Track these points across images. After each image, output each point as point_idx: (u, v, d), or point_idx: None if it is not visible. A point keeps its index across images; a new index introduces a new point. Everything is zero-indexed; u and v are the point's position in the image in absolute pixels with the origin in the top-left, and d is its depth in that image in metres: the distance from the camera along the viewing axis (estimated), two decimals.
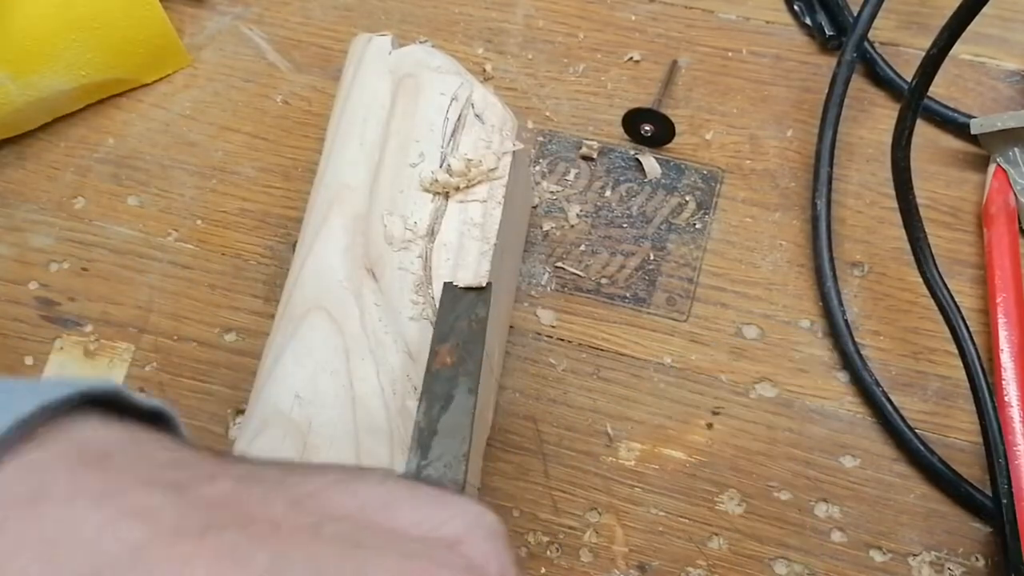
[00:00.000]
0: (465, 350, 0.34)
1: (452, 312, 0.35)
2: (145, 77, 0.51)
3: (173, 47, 0.51)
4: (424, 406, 0.32)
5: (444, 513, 0.24)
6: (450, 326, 0.35)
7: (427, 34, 0.51)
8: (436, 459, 0.31)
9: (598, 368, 0.44)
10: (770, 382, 0.43)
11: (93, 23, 0.47)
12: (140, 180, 0.49)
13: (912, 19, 0.49)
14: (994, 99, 0.47)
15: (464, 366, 0.33)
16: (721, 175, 0.47)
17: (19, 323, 0.47)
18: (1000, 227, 0.43)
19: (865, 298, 0.44)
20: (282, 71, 0.51)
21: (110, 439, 0.23)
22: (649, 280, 0.45)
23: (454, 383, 0.33)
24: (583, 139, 0.48)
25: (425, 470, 0.30)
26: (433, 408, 0.32)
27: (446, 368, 0.33)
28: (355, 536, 0.22)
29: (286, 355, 0.37)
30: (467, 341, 0.34)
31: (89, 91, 0.50)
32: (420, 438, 0.31)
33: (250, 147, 0.50)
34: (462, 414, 0.32)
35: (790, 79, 0.49)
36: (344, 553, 0.21)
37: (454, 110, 0.40)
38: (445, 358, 0.34)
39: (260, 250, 0.47)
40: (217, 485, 0.22)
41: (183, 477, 0.22)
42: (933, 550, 0.39)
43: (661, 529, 0.41)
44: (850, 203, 0.46)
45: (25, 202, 0.49)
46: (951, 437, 0.41)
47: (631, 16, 0.51)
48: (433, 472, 0.30)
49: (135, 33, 0.49)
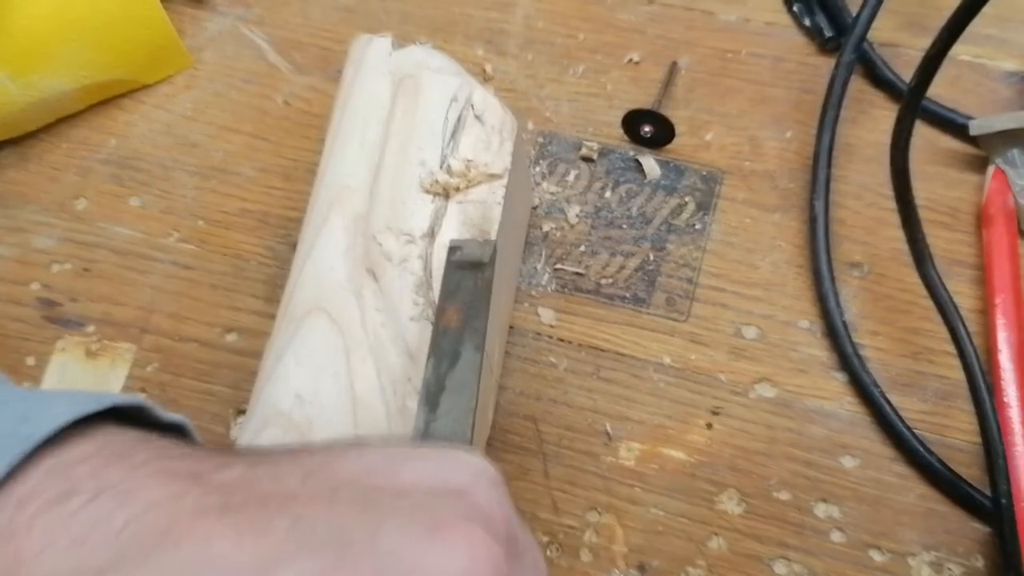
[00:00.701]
0: (471, 309, 0.34)
1: (458, 269, 0.36)
2: (146, 78, 0.51)
3: (174, 48, 0.51)
4: (432, 363, 0.33)
5: (448, 468, 0.25)
6: (456, 284, 0.35)
7: (427, 35, 0.51)
8: (444, 414, 0.31)
9: (598, 368, 0.44)
10: (769, 382, 0.43)
11: (94, 24, 0.48)
12: (142, 181, 0.50)
13: (911, 20, 0.49)
14: (993, 100, 0.47)
15: (470, 324, 0.34)
16: (721, 176, 0.47)
17: (21, 324, 0.47)
18: (999, 228, 0.43)
19: (864, 298, 0.44)
20: (283, 72, 0.52)
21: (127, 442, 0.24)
22: (649, 280, 0.45)
23: (461, 341, 0.33)
24: (583, 140, 0.48)
25: (433, 424, 0.31)
26: (441, 365, 0.33)
27: (453, 326, 0.34)
28: (368, 497, 0.23)
29: (287, 355, 0.37)
30: (473, 300, 0.35)
31: (90, 92, 0.50)
32: (428, 394, 0.32)
33: (251, 148, 0.50)
34: (469, 371, 0.32)
35: (789, 80, 0.49)
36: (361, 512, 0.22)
37: (454, 111, 0.40)
38: (452, 316, 0.34)
39: (261, 251, 0.47)
40: (231, 471, 0.24)
41: (197, 468, 0.24)
42: (932, 550, 0.39)
43: (661, 529, 0.41)
44: (849, 204, 0.46)
45: (27, 203, 0.50)
46: (950, 437, 0.41)
47: (631, 17, 0.51)
48: (441, 426, 0.31)
49: (136, 34, 0.49)
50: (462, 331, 0.34)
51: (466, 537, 0.22)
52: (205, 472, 0.23)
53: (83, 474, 0.23)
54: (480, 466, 0.25)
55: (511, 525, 0.25)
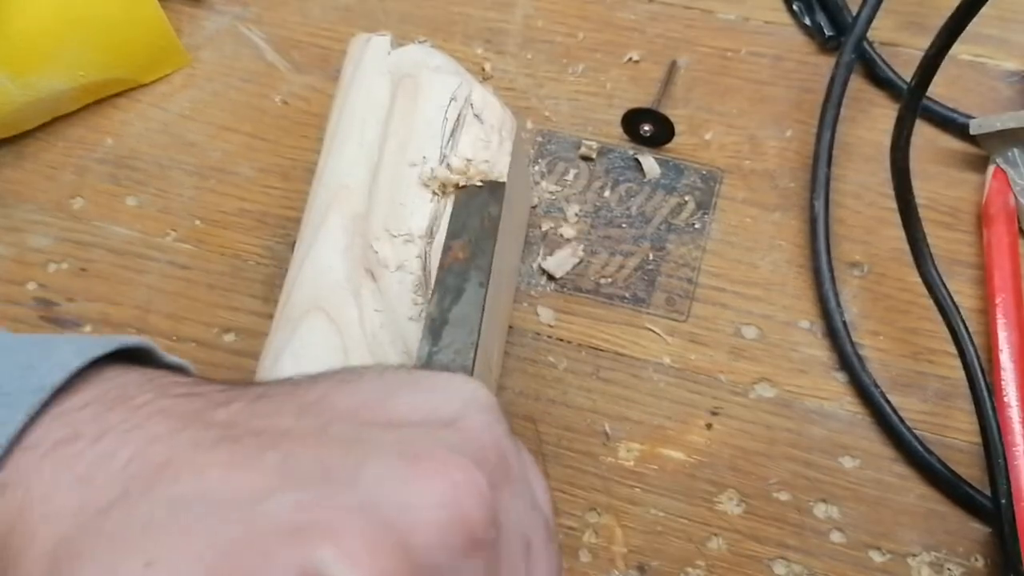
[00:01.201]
0: (477, 246, 0.35)
1: (465, 209, 0.36)
2: (144, 77, 0.51)
3: (172, 47, 0.50)
4: (436, 297, 0.33)
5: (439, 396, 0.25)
6: (463, 223, 0.36)
7: (426, 34, 0.51)
8: (446, 346, 0.32)
9: (597, 368, 0.44)
10: (769, 382, 0.43)
11: (92, 23, 0.47)
12: (139, 180, 0.49)
13: (911, 19, 0.49)
14: (993, 99, 0.47)
15: (476, 261, 0.34)
16: (720, 175, 0.47)
17: (18, 323, 0.47)
18: (999, 227, 0.43)
19: (864, 298, 0.44)
20: (281, 71, 0.51)
21: (130, 383, 0.25)
22: (648, 280, 0.45)
23: (465, 277, 0.34)
24: (582, 139, 0.48)
25: (436, 356, 0.32)
26: (445, 300, 0.33)
27: (458, 262, 0.34)
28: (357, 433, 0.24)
29: (285, 355, 0.37)
30: (479, 237, 0.35)
31: (88, 91, 0.50)
32: (431, 327, 0.32)
33: (249, 147, 0.50)
34: (472, 305, 0.33)
35: (789, 79, 0.49)
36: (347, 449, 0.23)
37: (453, 110, 0.40)
38: (457, 253, 0.35)
39: (259, 250, 0.47)
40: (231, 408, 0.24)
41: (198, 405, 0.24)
42: (932, 550, 0.39)
43: (660, 529, 0.41)
44: (849, 203, 0.46)
45: (23, 202, 0.49)
46: (950, 437, 0.41)
47: (630, 16, 0.51)
48: (443, 358, 0.31)
49: (134, 33, 0.49)
50: (467, 267, 0.34)
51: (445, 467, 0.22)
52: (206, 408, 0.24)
53: (86, 418, 0.23)
54: (471, 393, 0.26)
55: (501, 451, 0.25)
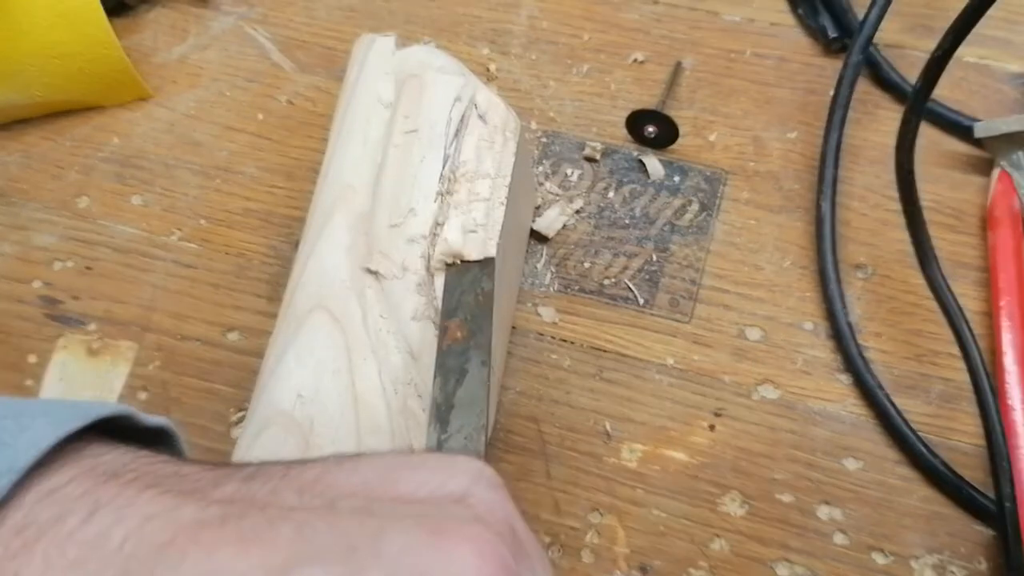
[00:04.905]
0: (474, 323, 0.34)
1: (458, 287, 0.36)
2: (104, 102, 0.51)
3: (131, 82, 0.50)
4: (439, 381, 0.32)
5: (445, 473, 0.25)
6: (456, 301, 0.35)
7: (431, 34, 0.51)
8: (456, 432, 0.31)
9: (600, 369, 0.43)
10: (772, 384, 0.43)
11: (50, 53, 0.47)
12: (144, 179, 0.49)
13: (917, 21, 0.49)
14: (999, 102, 0.47)
15: (475, 339, 0.33)
16: (724, 177, 0.47)
17: (23, 321, 0.47)
18: (1004, 230, 0.43)
19: (868, 300, 0.44)
20: (286, 71, 0.52)
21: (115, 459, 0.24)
22: (652, 281, 0.45)
23: (466, 357, 0.33)
24: (586, 140, 0.48)
25: (446, 443, 0.31)
26: (448, 383, 0.32)
27: (457, 343, 0.34)
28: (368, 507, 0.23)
29: (288, 354, 0.37)
30: (475, 315, 0.34)
31: (43, 107, 0.50)
32: (438, 413, 0.32)
33: (254, 147, 0.50)
34: (477, 386, 0.32)
35: (794, 81, 0.49)
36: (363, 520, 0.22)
37: (457, 110, 0.40)
38: (456, 333, 0.34)
39: (263, 249, 0.47)
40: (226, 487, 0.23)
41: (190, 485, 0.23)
42: (935, 553, 0.39)
43: (663, 530, 0.41)
44: (854, 205, 0.46)
45: (29, 201, 0.50)
46: (954, 440, 0.41)
47: (635, 17, 0.51)
48: (454, 444, 0.31)
49: (93, 67, 0.48)
50: (467, 346, 0.33)
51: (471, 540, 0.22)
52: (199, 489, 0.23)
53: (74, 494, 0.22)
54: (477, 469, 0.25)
55: (514, 525, 0.25)
